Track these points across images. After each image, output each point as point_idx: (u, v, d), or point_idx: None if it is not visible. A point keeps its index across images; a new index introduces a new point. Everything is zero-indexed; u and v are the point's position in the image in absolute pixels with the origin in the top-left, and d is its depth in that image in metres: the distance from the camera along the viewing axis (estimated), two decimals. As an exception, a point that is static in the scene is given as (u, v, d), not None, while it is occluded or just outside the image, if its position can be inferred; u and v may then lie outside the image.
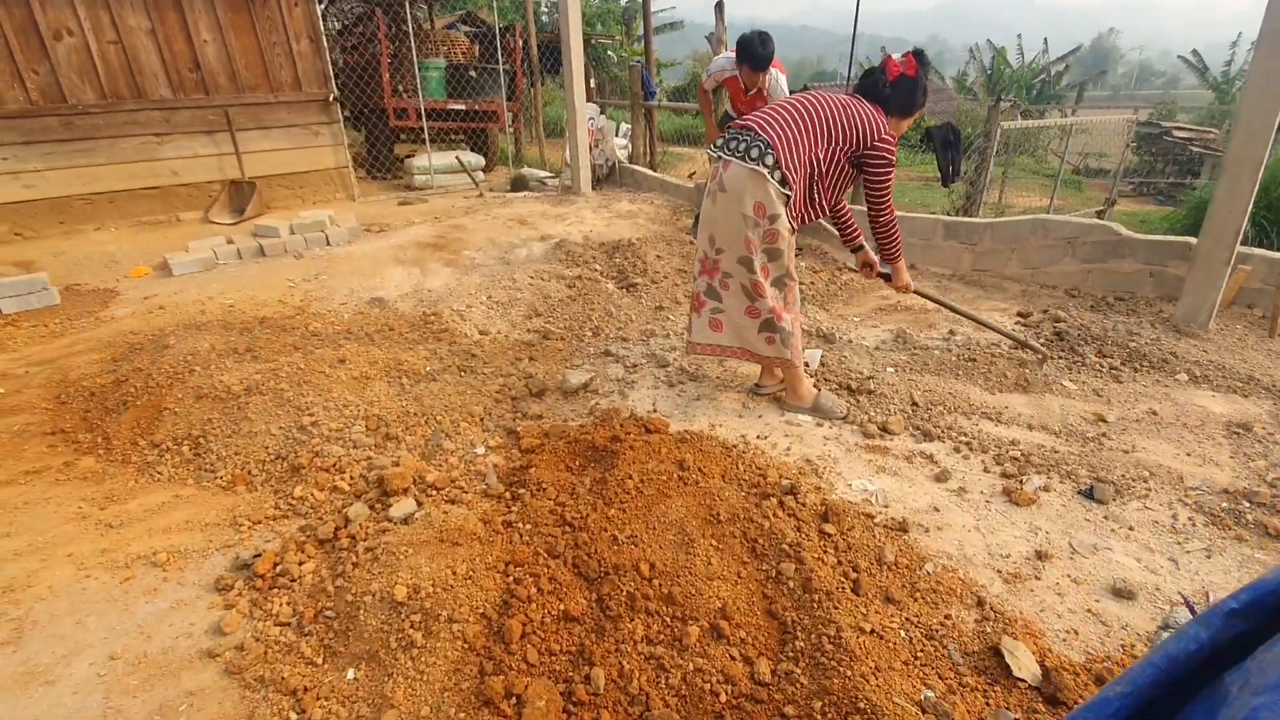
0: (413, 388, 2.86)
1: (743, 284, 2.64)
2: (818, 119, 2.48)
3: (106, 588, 1.97)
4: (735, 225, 2.55)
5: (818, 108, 2.50)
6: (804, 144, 2.48)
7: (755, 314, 2.67)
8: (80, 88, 5.26)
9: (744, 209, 2.50)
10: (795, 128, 2.47)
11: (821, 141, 2.49)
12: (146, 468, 2.52)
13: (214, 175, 5.87)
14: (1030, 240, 4.28)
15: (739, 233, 2.55)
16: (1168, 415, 2.80)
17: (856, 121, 2.49)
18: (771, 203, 2.49)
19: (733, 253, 2.61)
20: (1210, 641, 0.72)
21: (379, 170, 7.98)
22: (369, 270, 4.49)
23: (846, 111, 2.50)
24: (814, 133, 2.49)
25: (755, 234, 2.54)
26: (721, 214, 2.58)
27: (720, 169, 2.55)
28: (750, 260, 2.57)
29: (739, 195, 2.50)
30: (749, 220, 2.52)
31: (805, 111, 2.50)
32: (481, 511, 2.18)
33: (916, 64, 2.52)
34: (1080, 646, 1.78)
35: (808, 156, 2.49)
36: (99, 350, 3.47)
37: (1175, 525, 2.20)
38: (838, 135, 2.49)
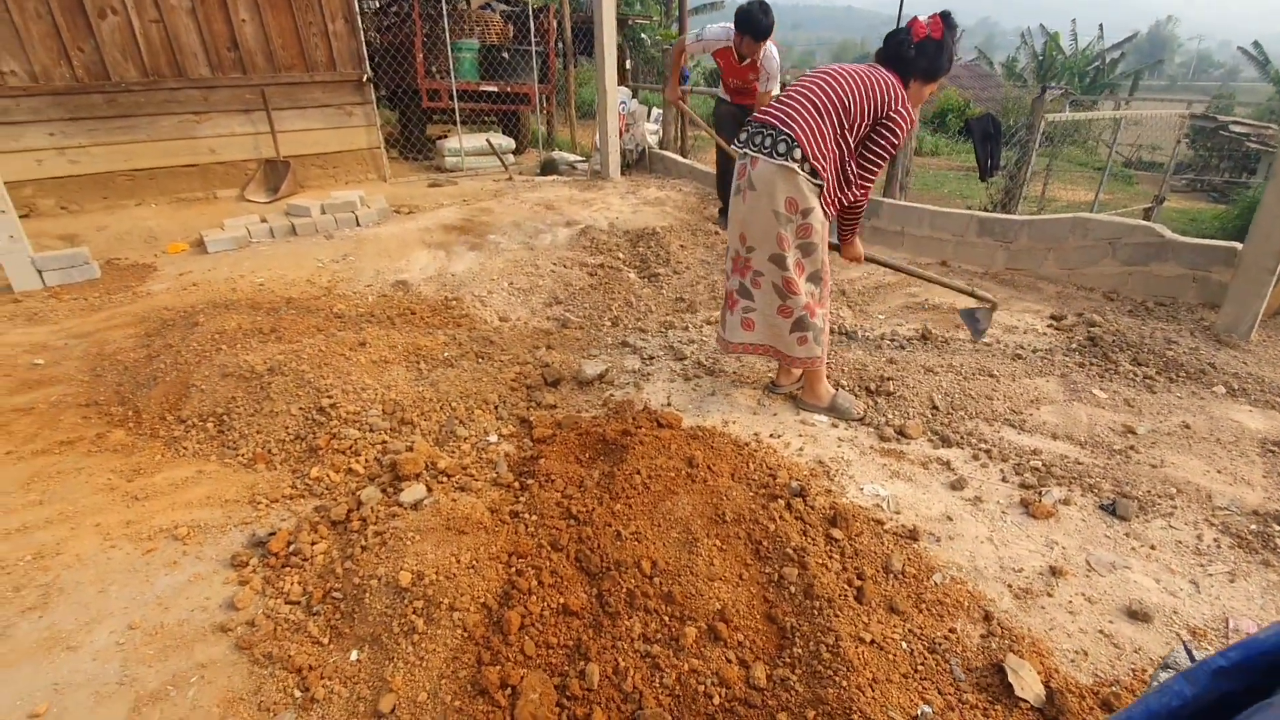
0: (430, 373, 2.89)
1: (774, 282, 2.60)
2: (838, 99, 2.40)
3: (129, 558, 2.04)
4: (766, 222, 2.50)
5: (836, 87, 2.41)
6: (828, 129, 2.41)
7: (788, 313, 2.62)
8: (123, 65, 5.38)
9: (775, 205, 2.45)
10: (817, 114, 2.40)
11: (846, 122, 2.42)
12: (173, 442, 2.60)
13: (250, 154, 5.98)
14: (1069, 240, 4.13)
15: (770, 230, 2.50)
16: (1201, 429, 2.69)
17: (876, 92, 2.39)
18: (804, 197, 2.44)
19: (764, 250, 2.56)
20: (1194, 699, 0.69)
21: (411, 151, 8.04)
22: (395, 252, 4.54)
23: (865, 83, 2.40)
24: (837, 116, 2.40)
25: (788, 230, 2.49)
26: (751, 212, 2.53)
27: (748, 166, 2.50)
28: (783, 257, 2.53)
29: (769, 192, 2.45)
30: (781, 217, 2.47)
31: (825, 94, 2.41)
32: (490, 500, 2.20)
33: (943, 26, 2.41)
34: (1089, 668, 1.73)
35: (834, 141, 2.42)
36: (134, 325, 3.58)
37: (1199, 546, 2.12)
38: (859, 112, 2.41)
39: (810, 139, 2.39)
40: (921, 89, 2.52)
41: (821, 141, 2.40)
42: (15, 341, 3.40)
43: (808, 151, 2.38)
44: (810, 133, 2.39)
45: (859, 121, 2.42)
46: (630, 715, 1.56)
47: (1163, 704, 0.71)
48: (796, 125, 2.39)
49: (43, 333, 3.53)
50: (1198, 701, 0.70)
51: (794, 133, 2.38)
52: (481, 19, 7.96)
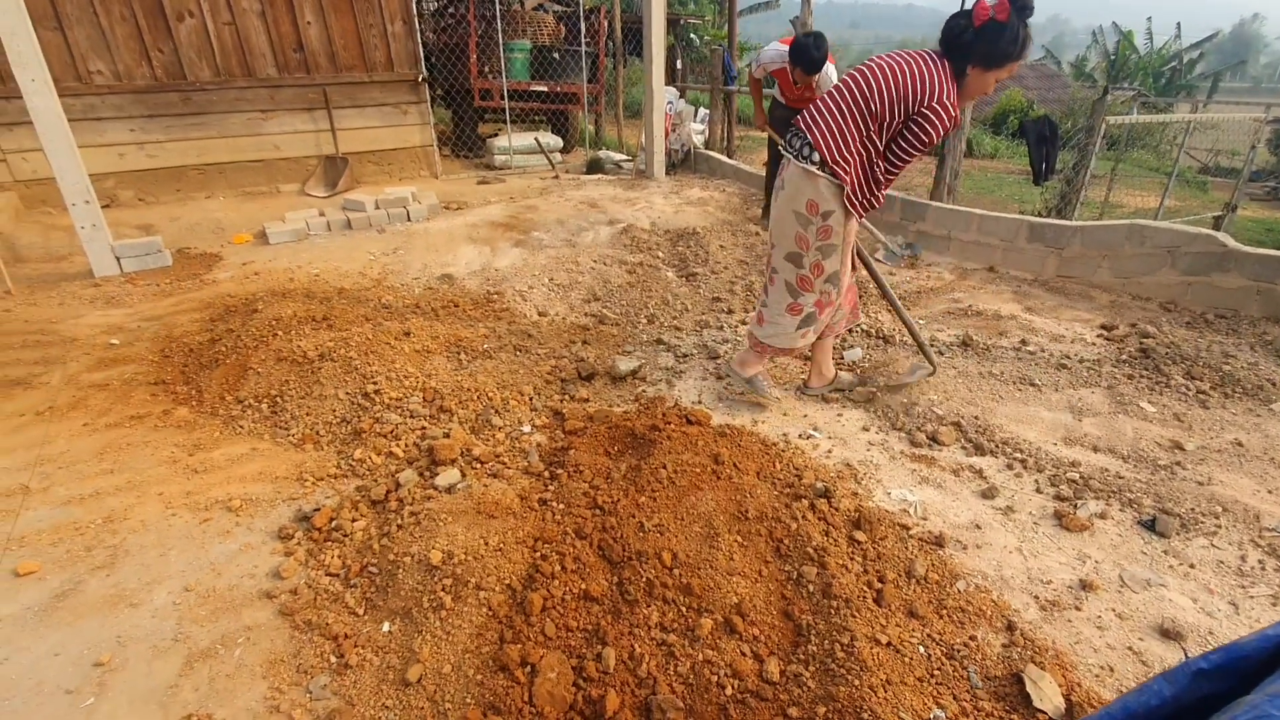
0: (470, 364, 3.00)
1: (788, 280, 2.64)
2: (864, 100, 2.35)
3: (188, 526, 2.19)
4: (788, 222, 2.55)
5: (865, 86, 2.35)
6: (853, 132, 2.38)
7: (798, 310, 2.66)
8: (198, 65, 5.71)
9: (796, 206, 2.50)
10: (841, 118, 2.38)
11: (872, 124, 2.37)
12: (231, 421, 2.76)
13: (311, 150, 6.26)
14: (1124, 247, 3.97)
15: (790, 229, 2.55)
16: (1255, 448, 2.58)
17: (914, 85, 2.28)
18: (824, 200, 2.45)
19: (781, 249, 2.62)
20: (1174, 699, 0.69)
21: (463, 149, 8.25)
22: (443, 247, 4.69)
23: (900, 77, 2.31)
24: (862, 118, 2.36)
25: (808, 231, 2.52)
26: (778, 211, 2.59)
27: (785, 166, 2.55)
28: (800, 256, 2.57)
29: (793, 194, 2.51)
30: (801, 218, 2.51)
31: (851, 96, 2.38)
32: (520, 488, 2.28)
33: (1010, 7, 2.24)
34: (1114, 684, 1.69)
35: (859, 145, 2.40)
36: (200, 310, 3.81)
37: (1243, 567, 2.04)
38: (888, 110, 2.33)
39: (829, 143, 2.39)
40: (983, 76, 2.34)
41: (843, 145, 2.39)
42: (94, 323, 3.66)
43: (826, 156, 2.39)
44: (831, 137, 2.39)
45: (888, 120, 2.36)
46: (643, 700, 1.61)
47: (1141, 703, 0.72)
48: (818, 130, 2.41)
49: (119, 315, 3.79)
50: (1178, 702, 0.71)
51: (813, 137, 2.41)
52: (535, 20, 8.11)
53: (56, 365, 3.18)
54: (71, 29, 5.23)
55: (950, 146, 4.93)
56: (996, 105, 17.76)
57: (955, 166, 4.93)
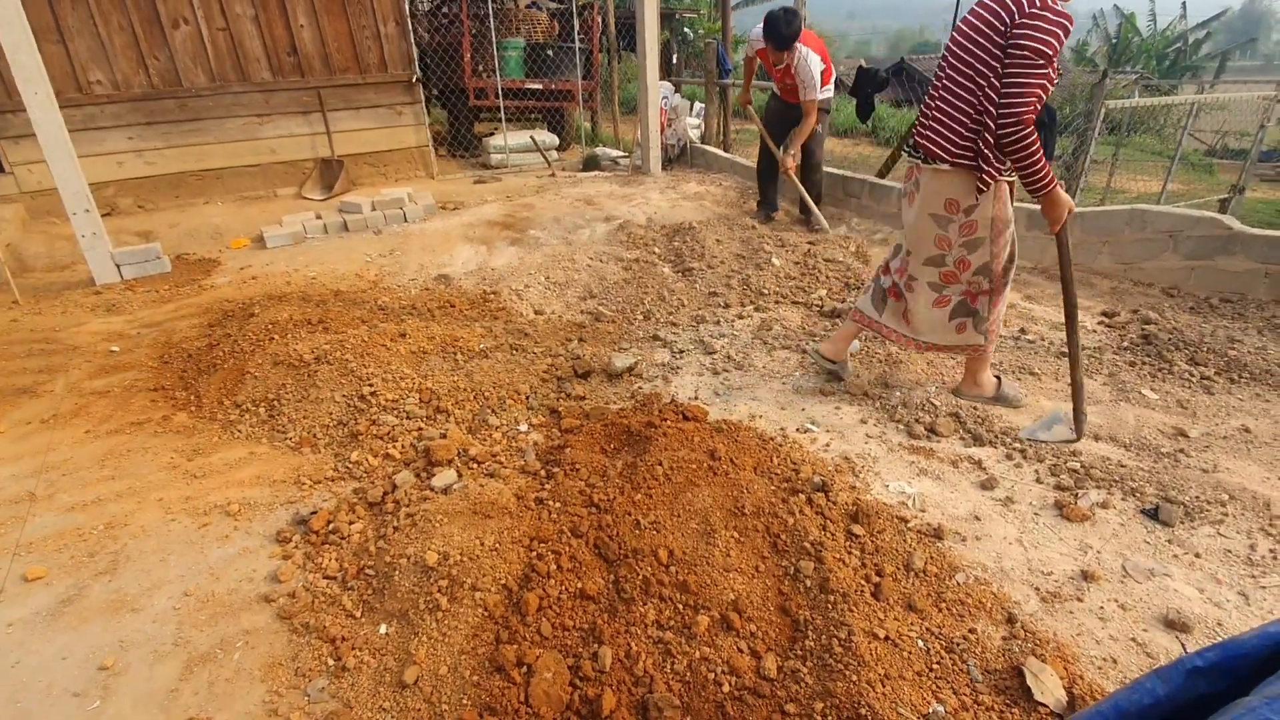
0: (466, 364, 2.99)
1: (929, 281, 2.62)
2: (956, 76, 2.28)
3: (187, 531, 2.20)
4: (925, 226, 2.52)
5: (953, 62, 2.28)
6: (966, 111, 2.27)
7: (945, 302, 2.62)
8: (193, 72, 5.72)
9: (933, 209, 2.47)
10: (948, 103, 2.32)
11: (978, 93, 2.22)
12: (229, 425, 2.77)
13: (307, 153, 6.26)
14: (1125, 232, 3.93)
15: (929, 234, 2.52)
16: (1263, 434, 2.54)
17: (998, 16, 2.13)
18: (963, 195, 2.40)
19: (919, 254, 2.59)
20: (1168, 698, 0.67)
21: (459, 148, 8.24)
22: (439, 247, 4.68)
23: (981, 23, 2.18)
24: (964, 92, 2.26)
25: (949, 231, 2.48)
26: (913, 218, 2.57)
27: (914, 170, 2.54)
28: (942, 257, 2.54)
29: (929, 197, 2.47)
30: (940, 219, 2.48)
31: (954, 66, 2.29)
32: (516, 487, 2.27)
33: None
34: (1117, 676, 1.67)
35: (975, 122, 2.28)
36: (198, 316, 3.82)
37: (1252, 556, 2.01)
38: (984, 65, 2.19)
39: (946, 137, 2.35)
40: None
41: (960, 130, 2.31)
42: (95, 330, 3.68)
43: (944, 154, 2.36)
44: (945, 129, 2.35)
45: (991, 73, 2.19)
46: (640, 699, 1.60)
47: (1133, 701, 0.70)
48: (933, 128, 2.39)
49: (119, 322, 3.81)
50: (1172, 701, 0.69)
51: (931, 136, 2.39)
52: (528, 17, 8.08)
53: (60, 373, 3.20)
54: (72, 40, 5.25)
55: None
56: (997, 92, 17.58)
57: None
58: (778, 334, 3.48)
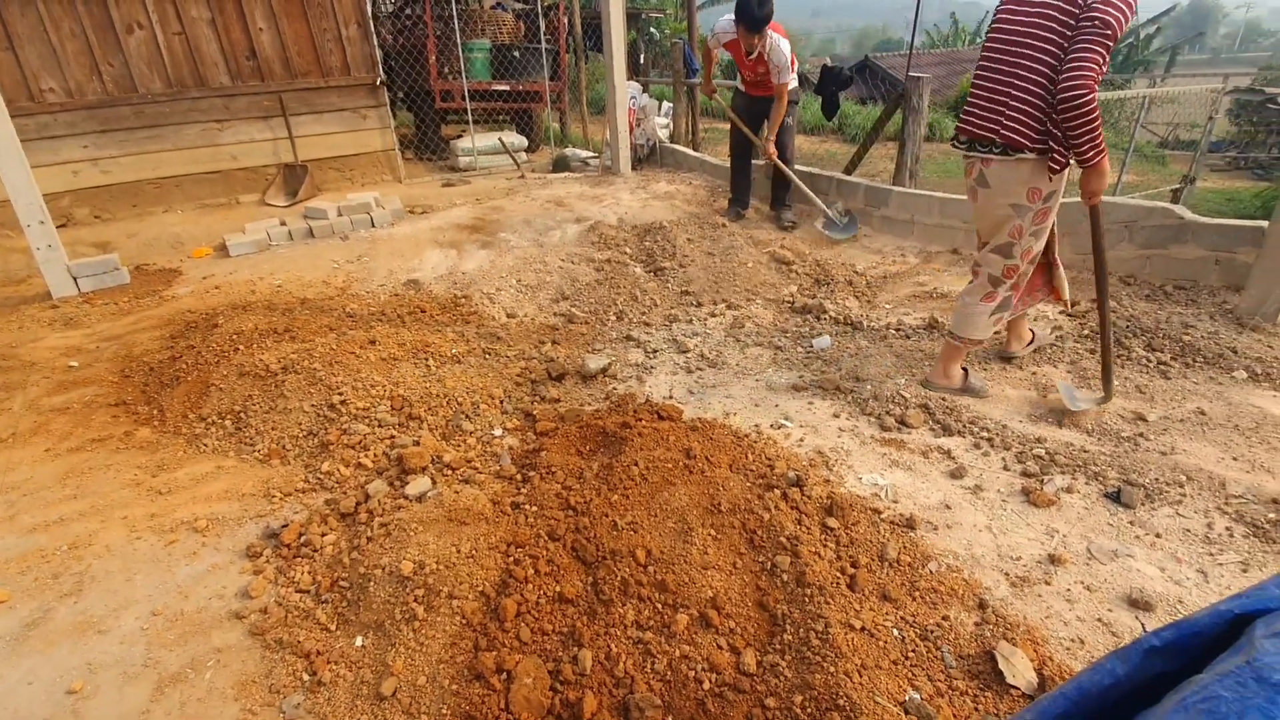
0: (438, 369, 2.96)
1: (991, 274, 2.68)
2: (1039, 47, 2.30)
3: (153, 549, 2.15)
4: (1003, 216, 2.56)
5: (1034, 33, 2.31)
6: (1040, 94, 2.32)
7: (993, 299, 2.71)
8: (149, 77, 5.56)
9: (1014, 199, 2.51)
10: (1022, 90, 2.35)
11: (1050, 77, 2.28)
12: (194, 439, 2.71)
13: (269, 159, 6.14)
14: (1083, 224, 4.02)
15: (1005, 224, 2.57)
16: (1218, 415, 2.63)
17: (1068, 15, 2.21)
18: (1044, 182, 2.45)
19: (992, 243, 2.65)
20: (1127, 678, 0.69)
21: (426, 152, 8.15)
22: (408, 252, 4.63)
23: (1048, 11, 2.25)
24: (1044, 71, 2.31)
25: (1025, 219, 2.53)
26: (985, 208, 2.62)
27: (979, 165, 2.56)
28: (1012, 246, 2.60)
29: (1006, 188, 2.50)
30: (1020, 209, 2.52)
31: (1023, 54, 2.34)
32: (492, 493, 2.26)
33: None
34: (1085, 656, 1.72)
35: (1050, 105, 2.31)
36: (160, 328, 3.72)
37: (1210, 535, 2.08)
38: (1056, 48, 2.25)
39: (1021, 129, 2.37)
40: None
41: (1035, 120, 2.35)
42: (53, 345, 3.57)
43: (1025, 142, 2.38)
44: (1019, 120, 2.37)
45: (1061, 56, 2.25)
46: (621, 700, 1.61)
47: (1095, 681, 0.72)
48: (999, 121, 2.42)
49: (77, 336, 3.69)
50: (1131, 680, 0.71)
51: (1001, 130, 2.41)
52: (493, 19, 8.02)
53: (17, 390, 3.10)
54: (23, 48, 5.08)
55: (910, 132, 4.97)
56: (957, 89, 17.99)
57: (915, 152, 4.98)
58: (750, 331, 3.51)
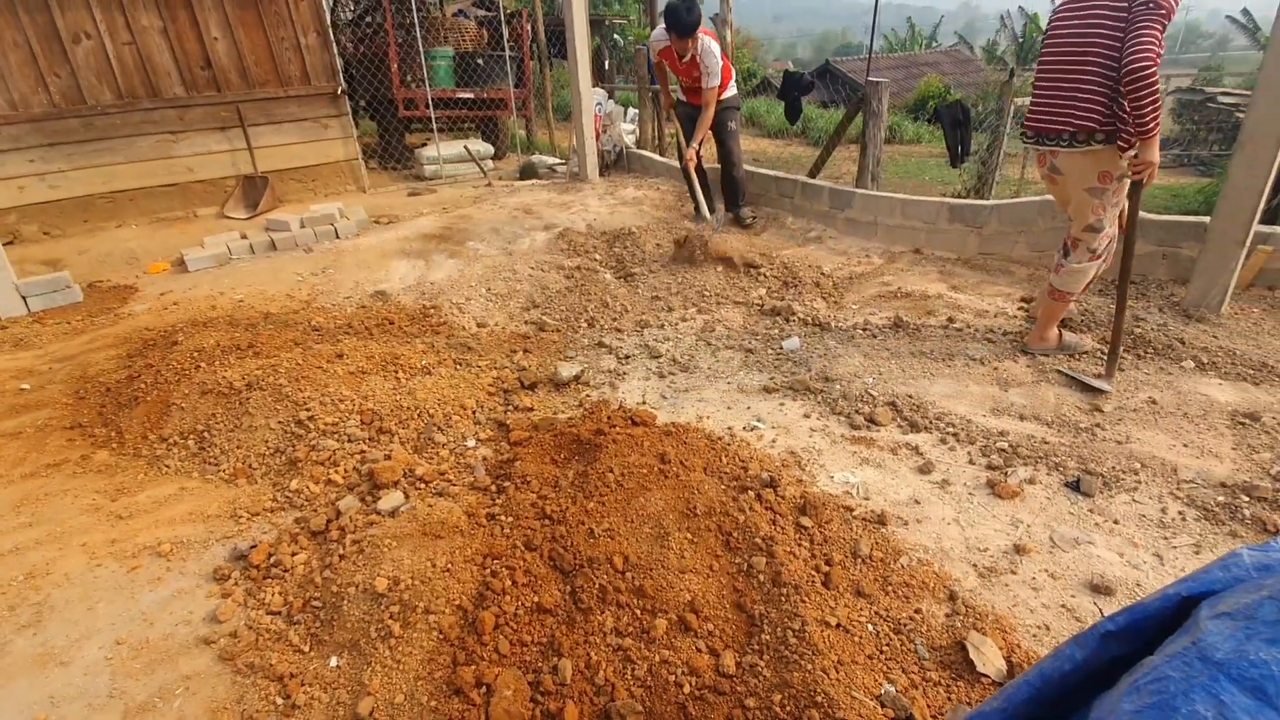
0: (408, 382, 2.93)
1: (1091, 247, 2.90)
2: (1096, 40, 2.54)
3: (115, 576, 2.09)
4: (1083, 200, 2.81)
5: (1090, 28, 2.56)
6: (1105, 83, 2.55)
7: (1095, 256, 2.94)
8: (98, 89, 5.40)
9: (1088, 184, 2.75)
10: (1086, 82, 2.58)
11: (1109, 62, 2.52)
12: (155, 461, 2.64)
13: (228, 171, 6.00)
14: (1038, 222, 4.17)
15: (1086, 206, 2.81)
16: (1167, 404, 2.74)
17: (1120, 7, 2.47)
18: (1114, 165, 2.69)
19: (1080, 222, 2.88)
20: (1085, 663, 0.72)
21: (391, 160, 8.06)
22: (374, 263, 4.57)
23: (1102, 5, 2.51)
24: (1104, 61, 2.53)
25: (1104, 199, 2.77)
26: (1063, 192, 2.90)
27: (1050, 157, 2.81)
28: (1100, 220, 2.83)
29: (1080, 176, 2.75)
30: (1096, 190, 2.76)
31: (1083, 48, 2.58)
32: (467, 504, 2.24)
33: None
34: (1050, 642, 1.78)
35: (1115, 91, 2.54)
36: (116, 346, 3.61)
37: (1164, 519, 2.16)
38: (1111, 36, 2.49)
39: (1090, 118, 2.60)
40: None
41: (1102, 108, 2.58)
42: (2, 367, 3.44)
43: (1097, 128, 2.61)
44: (1088, 111, 2.60)
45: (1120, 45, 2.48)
46: (602, 708, 1.61)
47: (1055, 667, 0.75)
48: (1067, 113, 2.66)
49: (28, 358, 3.57)
50: (1089, 664, 0.73)
51: (1070, 121, 2.65)
52: (456, 26, 7.97)
53: (-35, 417, 2.98)
54: (-36, 61, 4.90)
55: (871, 136, 5.07)
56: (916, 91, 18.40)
57: (877, 154, 5.08)
58: (721, 335, 3.55)
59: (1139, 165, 2.58)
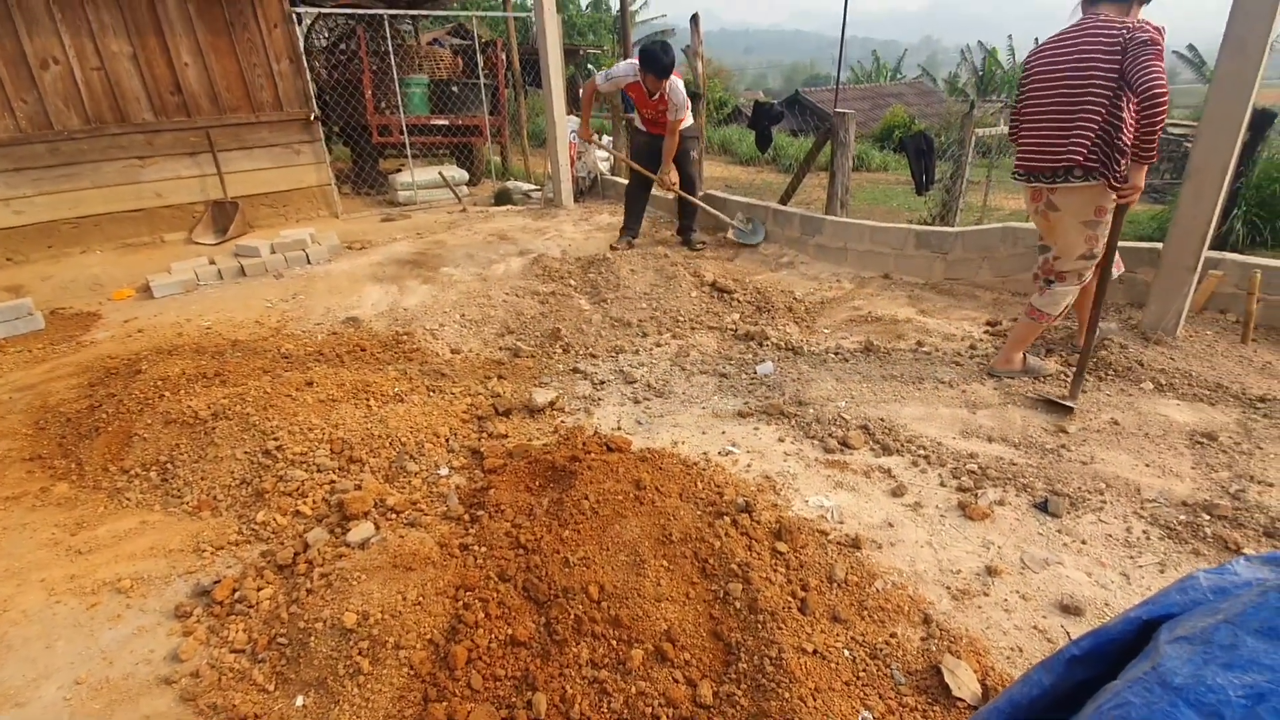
0: (380, 409, 2.89)
1: (1080, 273, 3.03)
2: (1085, 84, 2.66)
3: (74, 613, 2.01)
4: (1076, 233, 2.94)
5: (1078, 73, 2.68)
6: (1094, 122, 2.68)
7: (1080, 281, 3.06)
8: (66, 114, 5.33)
9: (1084, 217, 2.89)
10: (1076, 124, 2.70)
11: (1109, 101, 2.64)
12: (116, 493, 2.56)
13: (197, 196, 5.93)
14: (1000, 249, 4.30)
15: (1079, 237, 2.94)
16: (1129, 425, 2.81)
17: (1114, 43, 2.58)
18: (1105, 199, 2.83)
19: (1072, 254, 2.99)
20: (1053, 688, 0.73)
21: (364, 186, 8.03)
22: (346, 289, 4.53)
23: (1094, 46, 2.63)
24: (1095, 103, 2.66)
25: (1098, 230, 2.91)
26: (1056, 227, 2.98)
27: (1046, 193, 2.93)
28: (1092, 249, 2.96)
29: (1076, 210, 2.88)
30: (1091, 223, 2.90)
31: (1071, 92, 2.70)
32: (439, 535, 2.21)
33: None
34: (1024, 664, 1.79)
35: (1102, 129, 2.68)
36: (77, 375, 3.51)
37: (1129, 539, 2.21)
38: (1112, 77, 2.61)
39: (1079, 157, 2.73)
40: (1138, 10, 2.69)
41: (1089, 145, 2.71)
42: (-44, 398, 3.32)
43: (1088, 166, 2.73)
44: (1078, 150, 2.72)
45: (1111, 84, 2.62)
46: (578, 741, 1.58)
47: (1024, 693, 0.76)
48: (1056, 153, 2.79)
49: (-16, 387, 3.45)
50: (1056, 690, 0.75)
51: (1062, 160, 2.77)
52: (431, 54, 8.04)
53: (-80, 449, 2.87)
54: (-72, 85, 4.80)
55: (839, 165, 5.21)
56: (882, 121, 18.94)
57: (845, 182, 5.21)
58: (695, 360, 3.57)
59: (1128, 189, 2.72)
